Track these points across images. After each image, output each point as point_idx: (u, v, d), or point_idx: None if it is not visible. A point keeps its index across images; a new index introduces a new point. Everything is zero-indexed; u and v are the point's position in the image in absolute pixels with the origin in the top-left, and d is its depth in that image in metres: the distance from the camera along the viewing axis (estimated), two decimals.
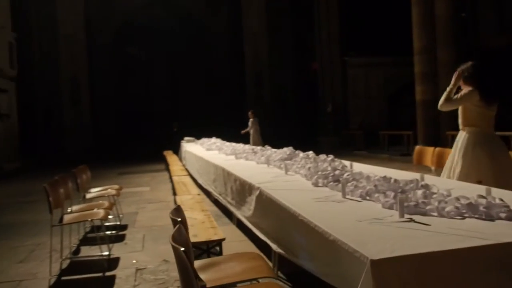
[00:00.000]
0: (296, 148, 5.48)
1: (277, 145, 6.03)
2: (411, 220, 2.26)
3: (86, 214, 4.16)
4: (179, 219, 2.23)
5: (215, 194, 6.07)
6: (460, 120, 4.14)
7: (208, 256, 3.32)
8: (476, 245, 1.84)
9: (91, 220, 4.27)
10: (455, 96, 4.01)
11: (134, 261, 4.04)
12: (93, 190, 5.66)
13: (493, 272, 1.87)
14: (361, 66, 16.81)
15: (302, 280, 3.12)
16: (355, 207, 2.68)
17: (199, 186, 7.79)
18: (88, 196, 5.30)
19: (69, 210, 4.42)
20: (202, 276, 2.45)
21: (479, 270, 1.85)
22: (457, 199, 2.40)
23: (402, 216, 2.32)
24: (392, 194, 2.67)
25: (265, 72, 20.86)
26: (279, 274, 3.62)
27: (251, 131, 12.82)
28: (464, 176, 3.82)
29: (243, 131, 13.00)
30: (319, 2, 18.00)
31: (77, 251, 4.49)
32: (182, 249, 1.71)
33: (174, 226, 2.20)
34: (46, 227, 4.12)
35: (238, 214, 4.57)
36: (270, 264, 3.74)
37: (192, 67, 24.83)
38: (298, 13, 19.78)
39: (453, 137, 10.08)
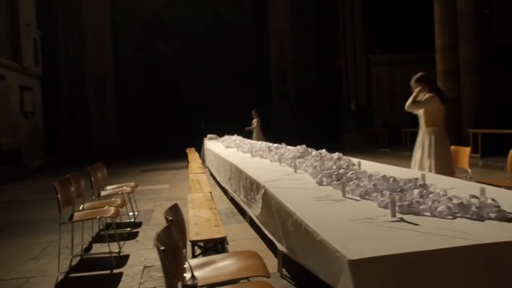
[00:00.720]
0: (319, 146, 5.45)
1: (299, 142, 6.03)
2: (402, 220, 2.26)
3: (96, 211, 4.28)
4: (170, 218, 2.28)
5: (231, 191, 6.15)
6: (423, 121, 5.00)
7: (217, 253, 3.38)
8: (460, 246, 1.84)
9: (100, 218, 4.39)
10: (419, 99, 4.88)
11: (143, 259, 4.12)
12: (109, 187, 5.80)
13: (477, 273, 1.85)
14: (386, 63, 16.56)
15: (306, 279, 3.14)
16: (352, 207, 2.68)
17: (219, 184, 7.89)
18: (103, 193, 5.43)
19: (80, 207, 4.55)
20: (197, 274, 2.51)
21: (463, 271, 1.85)
22: (450, 199, 2.38)
23: (393, 215, 2.32)
24: (388, 193, 2.66)
25: (290, 69, 20.84)
26: (284, 272, 3.64)
27: (255, 130, 13.06)
28: (438, 169, 4.69)
29: (247, 128, 13.31)
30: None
31: (88, 249, 4.60)
32: (162, 248, 1.77)
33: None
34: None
35: (249, 212, 4.62)
36: (274, 262, 3.79)
37: (218, 65, 25.00)
38: (322, 11, 19.65)
39: (475, 135, 9.87)
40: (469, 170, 5.67)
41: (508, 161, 5.03)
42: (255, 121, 13.26)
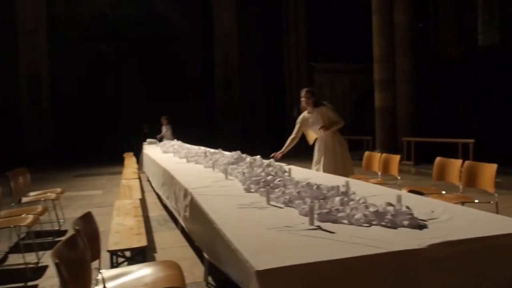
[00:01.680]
0: (265, 152, 5.48)
1: (245, 148, 6.02)
2: (319, 228, 2.24)
3: (11, 220, 3.97)
4: (77, 228, 2.13)
5: (164, 198, 5.96)
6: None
7: (136, 263, 3.21)
8: (370, 254, 1.83)
9: (15, 227, 4.07)
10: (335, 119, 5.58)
11: None
12: (32, 193, 5.44)
13: (388, 280, 1.85)
14: (328, 71, 16.96)
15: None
16: (274, 214, 2.64)
17: (154, 190, 7.64)
18: (24, 200, 5.07)
19: None
20: (109, 285, 2.36)
21: (374, 279, 1.84)
22: (367, 206, 2.39)
23: (311, 223, 2.29)
24: (309, 201, 2.64)
25: (234, 75, 20.81)
26: (210, 281, 3.55)
27: (166, 136, 13.18)
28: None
29: (158, 136, 13.51)
30: (287, 7, 18.10)
31: (3, 260, 4.25)
32: (57, 261, 1.63)
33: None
34: None
35: (179, 219, 4.49)
36: (201, 270, 3.69)
37: (164, 69, 24.50)
38: (268, 17, 19.84)
39: (409, 143, 10.31)
40: (399, 177, 5.89)
41: (433, 169, 5.25)
42: (164, 128, 13.59)
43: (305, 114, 5.82)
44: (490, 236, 2.02)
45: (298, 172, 4.37)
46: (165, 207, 6.38)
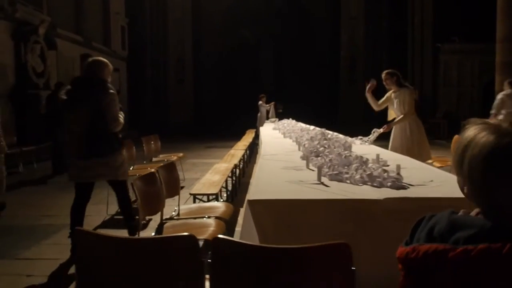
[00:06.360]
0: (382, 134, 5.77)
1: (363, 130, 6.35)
2: (321, 183, 2.98)
3: (137, 171, 5.42)
4: (156, 171, 3.23)
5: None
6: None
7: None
8: (335, 198, 2.55)
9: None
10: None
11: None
12: (161, 155, 6.99)
13: (351, 221, 2.53)
14: (455, 52, 16.14)
15: None
16: (302, 174, 3.33)
17: None
18: (154, 160, 6.62)
19: None
20: (182, 212, 3.45)
21: (337, 219, 2.54)
22: (364, 170, 3.04)
23: (318, 180, 3.04)
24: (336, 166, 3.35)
25: (359, 57, 20.94)
26: None
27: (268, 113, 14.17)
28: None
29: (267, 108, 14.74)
30: None
31: None
32: (134, 188, 2.72)
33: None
34: None
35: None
36: None
37: (295, 50, 25.49)
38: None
39: None
40: None
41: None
42: (267, 106, 14.79)
43: (391, 93, 5.97)
44: (445, 198, 2.57)
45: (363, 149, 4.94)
46: None
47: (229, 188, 6.12)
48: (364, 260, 2.47)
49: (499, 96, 8.08)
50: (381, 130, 5.67)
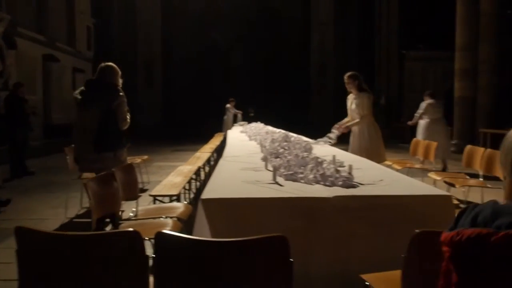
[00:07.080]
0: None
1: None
2: (276, 183, 3.05)
3: None
4: (112, 171, 3.22)
5: None
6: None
7: None
8: (286, 196, 2.61)
9: None
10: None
11: None
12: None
13: (300, 218, 2.60)
14: (419, 60, 16.67)
15: None
16: (260, 175, 3.40)
17: None
18: None
19: None
20: (140, 212, 3.45)
21: (289, 216, 2.60)
22: (318, 170, 3.13)
23: (273, 179, 3.10)
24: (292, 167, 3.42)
25: (329, 61, 21.29)
26: None
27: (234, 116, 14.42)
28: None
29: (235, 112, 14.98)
30: None
31: None
32: (88, 190, 2.71)
33: None
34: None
35: None
36: None
37: (267, 54, 25.55)
38: (362, 4, 19.90)
39: (485, 135, 10.09)
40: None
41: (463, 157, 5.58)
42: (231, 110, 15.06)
43: (351, 96, 6.17)
44: (391, 196, 2.68)
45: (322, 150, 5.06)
46: None
47: (194, 190, 6.13)
48: (316, 254, 2.58)
49: (424, 105, 9.25)
50: (336, 131, 5.81)
